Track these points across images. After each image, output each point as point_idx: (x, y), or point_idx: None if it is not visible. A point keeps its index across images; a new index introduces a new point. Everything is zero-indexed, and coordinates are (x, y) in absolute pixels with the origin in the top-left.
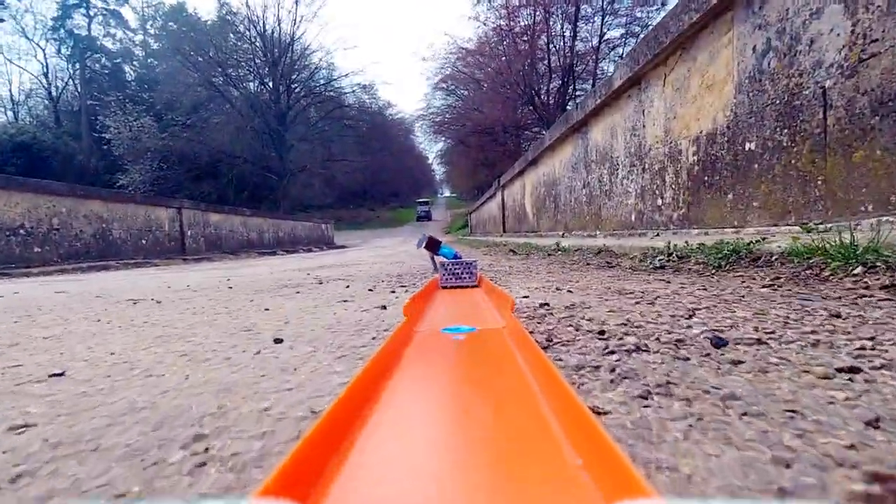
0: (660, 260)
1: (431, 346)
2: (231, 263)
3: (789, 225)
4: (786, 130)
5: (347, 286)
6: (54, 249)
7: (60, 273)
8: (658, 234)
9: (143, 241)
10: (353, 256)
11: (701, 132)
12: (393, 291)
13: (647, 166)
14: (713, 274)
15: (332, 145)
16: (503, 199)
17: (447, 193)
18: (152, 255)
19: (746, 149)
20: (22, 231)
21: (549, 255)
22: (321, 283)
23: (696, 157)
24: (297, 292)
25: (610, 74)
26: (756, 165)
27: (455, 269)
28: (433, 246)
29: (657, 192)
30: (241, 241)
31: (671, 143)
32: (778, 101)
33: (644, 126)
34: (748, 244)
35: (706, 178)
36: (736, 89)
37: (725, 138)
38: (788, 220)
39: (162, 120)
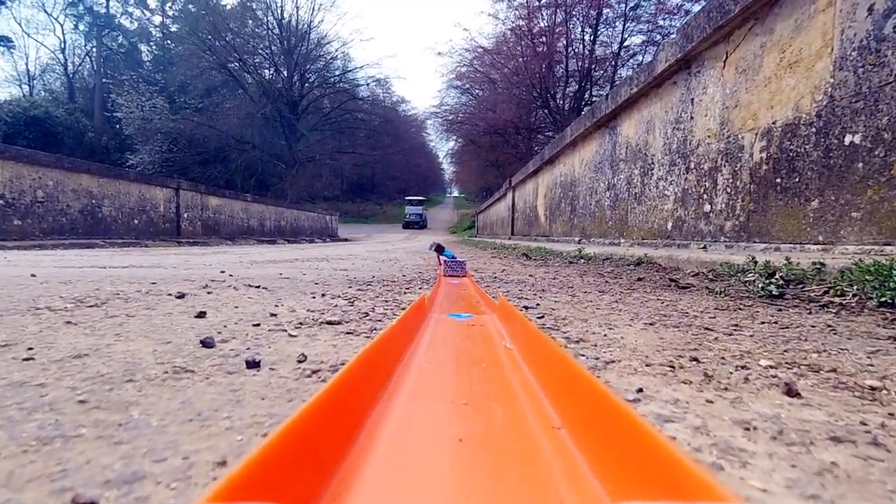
0: (764, 284)
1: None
2: (208, 249)
3: None
4: None
5: (250, 296)
6: (36, 223)
7: (38, 249)
8: (704, 248)
9: (136, 221)
10: (347, 250)
11: (774, 123)
12: (274, 315)
13: (692, 165)
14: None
15: (342, 137)
16: (513, 201)
17: (455, 193)
18: (145, 235)
19: (846, 143)
20: (0, 201)
21: (570, 263)
22: (209, 292)
23: (764, 155)
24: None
25: (650, 59)
26: (860, 165)
27: (452, 265)
28: (440, 249)
29: (705, 196)
30: (240, 228)
31: (729, 137)
32: None
33: (692, 118)
34: None
35: (778, 180)
36: (835, 65)
37: (813, 129)
38: None
39: (174, 102)
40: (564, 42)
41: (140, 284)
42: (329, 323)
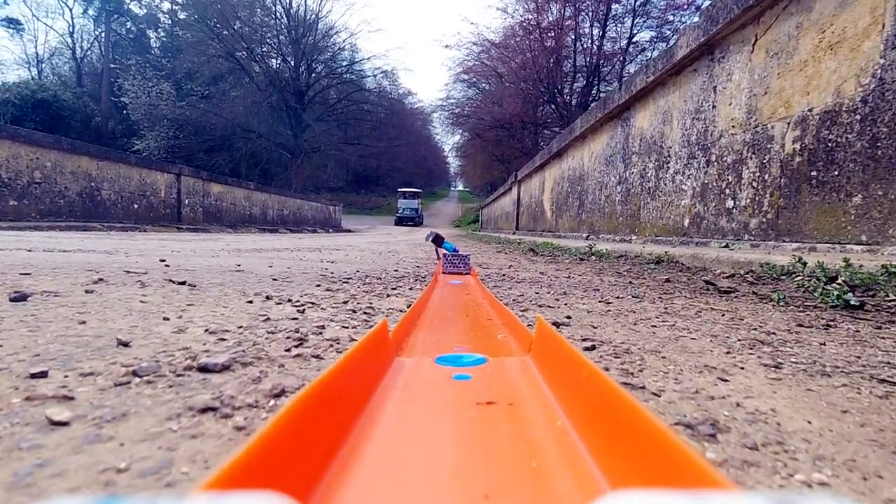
0: (839, 292)
1: None
2: (201, 236)
3: None
4: None
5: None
6: (33, 204)
7: (33, 230)
8: (727, 246)
9: (136, 206)
10: (346, 241)
11: (810, 111)
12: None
13: (713, 158)
14: None
15: (348, 128)
16: (519, 195)
17: (460, 187)
18: (145, 220)
19: None
20: None
21: (581, 259)
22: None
23: (797, 146)
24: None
25: (671, 43)
26: None
27: (453, 259)
28: (438, 241)
29: (727, 191)
30: (242, 216)
31: (756, 127)
32: None
33: (714, 107)
34: None
35: (813, 173)
36: (886, 44)
37: (857, 117)
38: None
39: (181, 89)
40: (573, 37)
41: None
42: (203, 371)
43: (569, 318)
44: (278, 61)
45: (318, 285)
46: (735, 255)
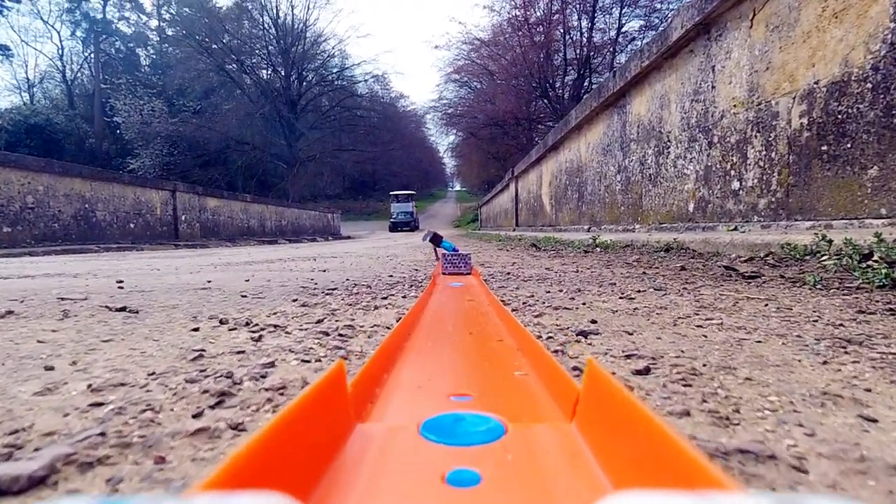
0: (885, 270)
1: None
2: (195, 252)
3: None
4: None
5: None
6: (28, 230)
7: (27, 256)
8: (736, 229)
9: (132, 225)
10: (344, 248)
11: (816, 83)
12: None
13: (715, 140)
14: None
15: (342, 135)
16: (517, 191)
17: (458, 187)
18: (142, 240)
19: None
20: None
21: (586, 252)
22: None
23: (805, 120)
24: None
25: (664, 27)
26: None
27: (453, 259)
28: (436, 240)
29: (732, 172)
30: (240, 229)
31: (760, 104)
32: None
33: (713, 87)
34: None
35: (824, 147)
36: None
37: (868, 86)
38: None
39: (173, 105)
40: (561, 30)
41: None
42: None
43: (594, 322)
44: (269, 72)
45: (295, 300)
46: (750, 238)
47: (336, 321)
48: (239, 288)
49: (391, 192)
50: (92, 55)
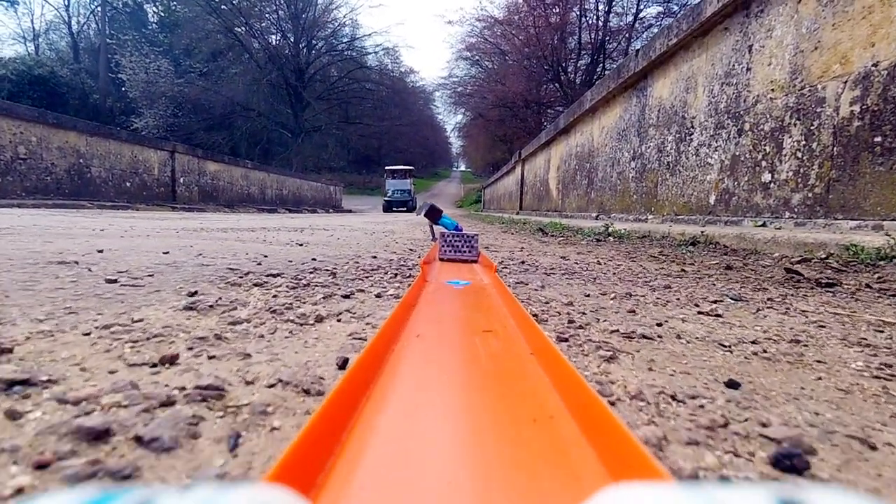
0: None
1: None
2: (187, 215)
3: None
4: None
5: None
6: (18, 181)
7: (17, 207)
8: (764, 225)
9: (128, 184)
10: (340, 221)
11: (875, 65)
12: None
13: (746, 127)
14: None
15: (349, 107)
16: (523, 174)
17: (462, 168)
18: (137, 199)
19: None
20: None
21: (598, 241)
22: None
23: (856, 108)
24: None
25: (696, 2)
26: None
27: (455, 241)
28: (434, 215)
29: (764, 163)
30: (239, 195)
31: (803, 88)
32: None
33: (749, 69)
34: None
35: (878, 139)
36: None
37: None
38: None
39: (179, 65)
40: (578, 12)
41: None
42: None
43: (735, 386)
44: (278, 37)
45: (193, 294)
46: (797, 236)
47: (190, 367)
48: (139, 263)
49: (386, 167)
50: (99, 8)
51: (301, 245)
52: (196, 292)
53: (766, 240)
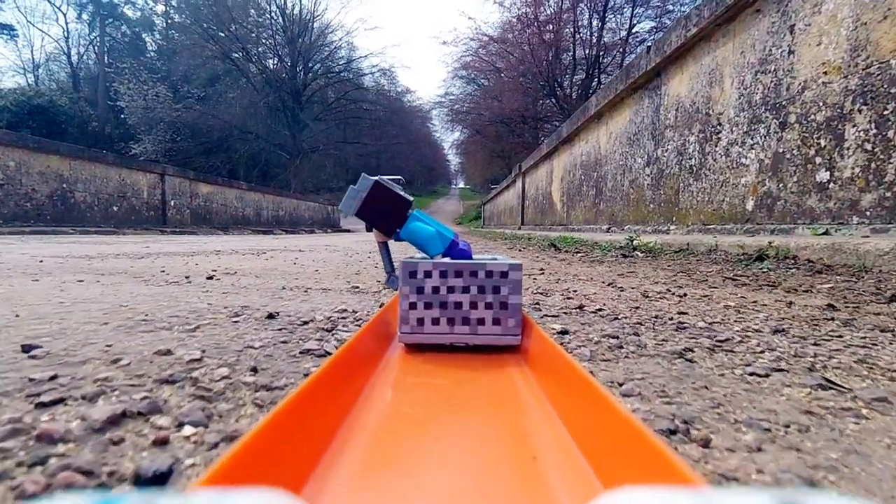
0: None
1: None
2: (174, 238)
3: None
4: None
5: None
6: None
7: None
8: (826, 232)
9: (115, 208)
10: (332, 241)
11: None
12: None
13: (791, 120)
14: None
15: (346, 127)
16: (523, 188)
17: (461, 184)
18: (125, 224)
19: None
20: None
21: (625, 256)
22: None
23: None
24: None
25: None
26: None
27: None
28: (383, 211)
29: (818, 159)
30: (234, 217)
31: (869, 67)
32: None
33: (791, 52)
34: None
35: None
36: None
37: None
38: None
39: (177, 91)
40: (571, 29)
41: None
42: None
43: None
44: (275, 61)
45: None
46: None
47: None
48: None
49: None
50: (98, 39)
51: (211, 279)
52: None
53: (882, 252)
